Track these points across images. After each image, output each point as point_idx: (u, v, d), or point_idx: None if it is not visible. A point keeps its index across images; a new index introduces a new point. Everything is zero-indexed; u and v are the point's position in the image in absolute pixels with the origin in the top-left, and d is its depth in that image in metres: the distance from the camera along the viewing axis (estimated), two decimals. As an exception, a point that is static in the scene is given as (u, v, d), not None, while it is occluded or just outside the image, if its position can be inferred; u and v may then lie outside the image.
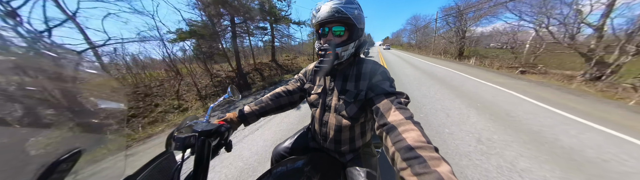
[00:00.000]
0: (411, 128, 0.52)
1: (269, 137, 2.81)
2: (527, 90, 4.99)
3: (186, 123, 0.70)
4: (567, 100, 4.09)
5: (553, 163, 1.96)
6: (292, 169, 0.79)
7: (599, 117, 3.14)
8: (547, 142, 2.37)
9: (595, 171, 1.85)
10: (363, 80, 0.77)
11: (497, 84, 5.67)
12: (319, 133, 0.92)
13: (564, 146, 2.27)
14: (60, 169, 0.31)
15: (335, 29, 0.71)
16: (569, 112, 3.38)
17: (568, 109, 3.51)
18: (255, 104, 0.92)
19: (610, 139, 2.46)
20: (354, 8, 0.70)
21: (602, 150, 2.16)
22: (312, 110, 0.94)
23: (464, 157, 2.06)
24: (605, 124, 2.85)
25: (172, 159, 0.61)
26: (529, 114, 3.26)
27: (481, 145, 2.29)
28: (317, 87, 0.89)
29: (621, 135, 2.54)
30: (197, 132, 0.61)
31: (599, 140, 2.41)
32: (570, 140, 2.39)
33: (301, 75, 0.99)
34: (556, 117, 3.19)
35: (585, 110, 3.51)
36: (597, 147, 2.25)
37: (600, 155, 2.08)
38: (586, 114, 3.28)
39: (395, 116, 0.57)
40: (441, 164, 0.40)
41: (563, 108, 3.57)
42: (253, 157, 2.32)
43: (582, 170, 1.86)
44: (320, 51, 0.74)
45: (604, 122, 2.93)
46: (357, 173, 0.82)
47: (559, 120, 3.05)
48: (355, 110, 0.77)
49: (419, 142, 0.46)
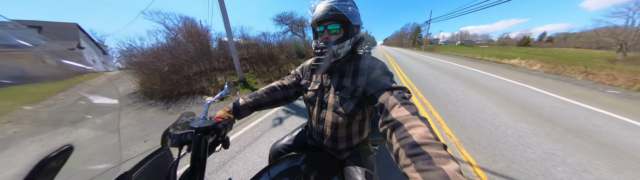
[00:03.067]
0: (418, 124, 0.50)
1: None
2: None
3: (183, 119, 0.69)
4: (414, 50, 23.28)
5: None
6: (289, 166, 0.79)
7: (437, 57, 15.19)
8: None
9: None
10: (361, 76, 0.76)
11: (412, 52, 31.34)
12: (316, 130, 0.91)
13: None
14: (49, 166, 0.30)
15: (331, 27, 0.71)
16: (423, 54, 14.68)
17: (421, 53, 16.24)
18: (249, 96, 0.91)
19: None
20: (348, 5, 0.70)
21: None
22: (309, 108, 0.93)
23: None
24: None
25: (168, 156, 0.60)
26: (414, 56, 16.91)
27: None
28: (314, 84, 0.88)
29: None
30: (194, 129, 0.60)
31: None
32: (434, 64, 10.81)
33: (298, 71, 0.98)
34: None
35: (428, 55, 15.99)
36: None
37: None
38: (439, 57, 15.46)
39: (401, 112, 0.56)
40: (449, 161, 0.39)
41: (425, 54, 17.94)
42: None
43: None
44: (317, 50, 0.73)
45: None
46: (355, 171, 0.82)
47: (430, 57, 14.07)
48: (352, 107, 0.76)
49: (426, 139, 0.45)
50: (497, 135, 2.49)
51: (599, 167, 1.88)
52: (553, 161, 1.96)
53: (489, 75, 7.12)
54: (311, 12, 0.74)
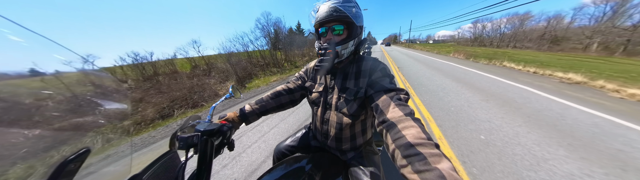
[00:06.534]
0: (411, 125, 0.51)
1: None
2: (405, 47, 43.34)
3: (189, 123, 0.71)
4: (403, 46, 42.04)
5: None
6: (294, 167, 0.80)
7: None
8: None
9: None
10: (363, 78, 0.77)
11: (396, 46, 58.01)
12: (320, 131, 0.93)
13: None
14: (68, 169, 0.32)
15: (335, 27, 0.72)
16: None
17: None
18: (255, 103, 0.92)
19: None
20: (352, 6, 0.70)
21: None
22: (313, 109, 0.95)
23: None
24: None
25: (176, 158, 0.62)
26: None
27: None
28: (319, 86, 0.89)
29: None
30: (200, 132, 0.62)
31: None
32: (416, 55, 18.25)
33: (302, 73, 0.99)
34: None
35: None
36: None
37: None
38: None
39: (395, 113, 0.57)
40: (442, 160, 0.40)
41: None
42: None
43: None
44: (320, 50, 0.74)
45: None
46: (361, 172, 0.81)
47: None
48: (356, 108, 0.78)
49: (419, 139, 0.46)
50: (418, 73, 7.88)
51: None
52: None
53: (416, 53, 22.04)
54: (314, 13, 0.75)
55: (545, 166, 1.84)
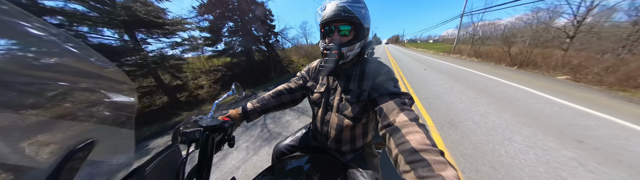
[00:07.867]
0: (415, 130, 0.51)
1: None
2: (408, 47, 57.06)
3: (192, 118, 0.71)
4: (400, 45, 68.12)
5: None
6: (293, 166, 0.81)
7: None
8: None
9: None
10: (366, 80, 0.76)
11: (394, 45, 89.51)
12: (320, 132, 0.93)
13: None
14: (76, 157, 0.33)
15: (342, 28, 0.70)
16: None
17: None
18: (257, 101, 0.93)
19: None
20: (361, 7, 0.69)
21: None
22: (314, 109, 0.95)
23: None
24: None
25: (178, 152, 0.62)
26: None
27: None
28: (320, 86, 0.89)
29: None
30: (202, 127, 0.63)
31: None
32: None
33: (304, 73, 0.98)
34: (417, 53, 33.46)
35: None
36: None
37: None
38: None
39: (400, 117, 0.56)
40: (447, 168, 0.39)
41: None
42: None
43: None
44: (325, 50, 0.73)
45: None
46: (359, 175, 0.81)
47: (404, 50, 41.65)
48: (358, 111, 0.77)
49: (424, 145, 0.45)
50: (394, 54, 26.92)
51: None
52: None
53: (402, 49, 41.67)
54: (321, 11, 0.73)
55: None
